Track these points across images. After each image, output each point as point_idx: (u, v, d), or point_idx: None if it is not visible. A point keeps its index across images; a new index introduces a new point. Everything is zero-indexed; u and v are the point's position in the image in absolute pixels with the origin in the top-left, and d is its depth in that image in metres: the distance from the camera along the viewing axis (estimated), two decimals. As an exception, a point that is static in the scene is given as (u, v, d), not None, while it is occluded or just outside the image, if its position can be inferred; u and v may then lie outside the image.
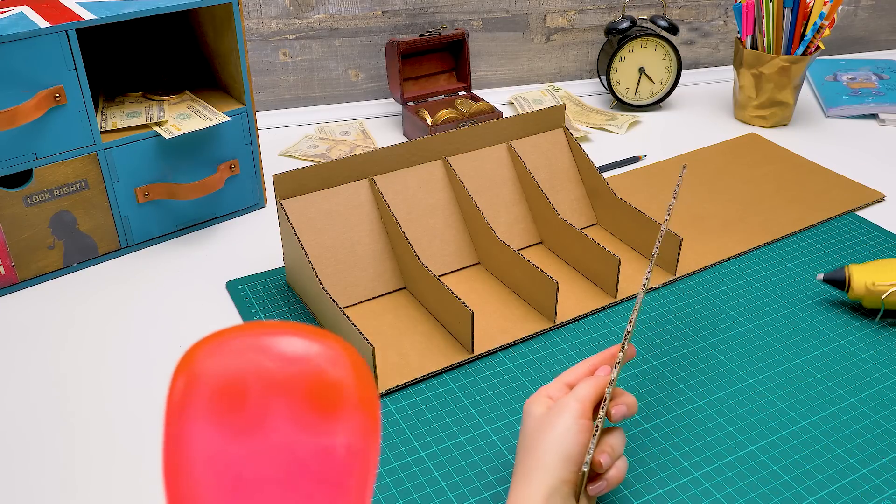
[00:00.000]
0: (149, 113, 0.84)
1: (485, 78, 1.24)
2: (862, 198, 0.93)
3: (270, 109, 1.16)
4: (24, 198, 0.76)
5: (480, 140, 0.82)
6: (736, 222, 0.89)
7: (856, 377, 0.67)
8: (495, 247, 0.77)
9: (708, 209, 0.91)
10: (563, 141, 0.87)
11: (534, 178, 0.82)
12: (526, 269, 0.74)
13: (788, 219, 0.89)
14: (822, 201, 0.93)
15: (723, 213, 0.90)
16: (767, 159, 1.03)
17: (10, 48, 0.70)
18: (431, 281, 0.72)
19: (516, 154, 0.83)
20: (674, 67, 1.15)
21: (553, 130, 0.87)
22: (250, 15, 1.09)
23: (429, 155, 0.79)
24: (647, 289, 0.76)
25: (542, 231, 0.84)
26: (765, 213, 0.90)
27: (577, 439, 0.50)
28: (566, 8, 1.22)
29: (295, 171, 0.72)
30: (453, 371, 0.68)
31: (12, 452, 0.60)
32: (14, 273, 0.78)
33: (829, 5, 1.03)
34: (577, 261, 0.80)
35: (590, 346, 0.71)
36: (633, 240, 0.83)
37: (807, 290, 0.78)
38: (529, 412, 0.54)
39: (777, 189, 0.95)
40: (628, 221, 0.83)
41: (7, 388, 0.66)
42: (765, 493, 0.57)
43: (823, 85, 1.23)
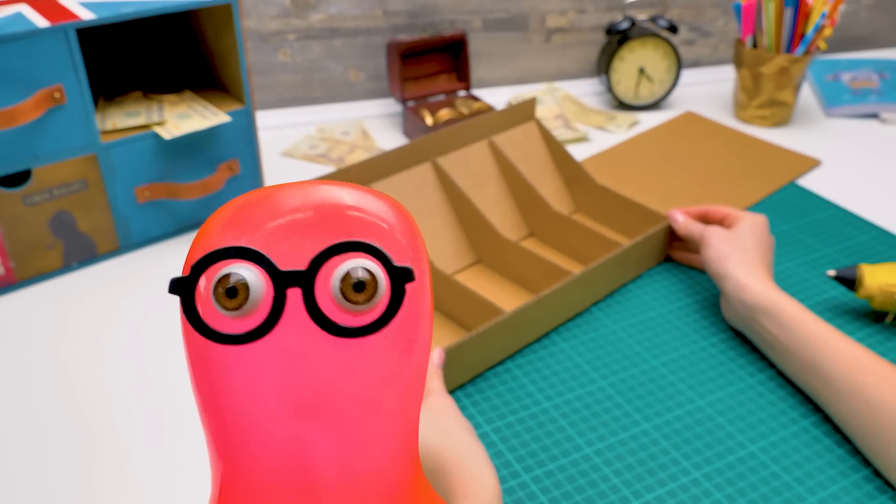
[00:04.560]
0: (149, 113, 0.84)
1: (485, 78, 1.24)
2: (801, 166, 1.00)
3: (270, 109, 1.16)
4: (24, 198, 0.75)
5: (464, 138, 0.83)
6: (680, 197, 0.93)
7: (856, 377, 0.67)
8: (496, 243, 0.78)
9: (653, 187, 0.96)
10: (535, 133, 0.89)
11: (519, 172, 0.83)
12: (533, 262, 0.74)
13: (738, 193, 0.94)
14: (767, 172, 0.98)
15: (683, 188, 0.95)
16: (709, 136, 1.08)
17: (10, 47, 0.70)
18: (444, 279, 0.72)
19: (498, 149, 0.84)
20: (674, 67, 1.15)
21: (526, 123, 0.89)
22: (250, 15, 1.09)
23: (418, 158, 0.80)
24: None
25: (531, 223, 0.85)
26: (714, 190, 0.95)
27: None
28: (566, 8, 1.22)
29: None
30: (504, 360, 0.68)
31: (12, 452, 0.60)
32: (13, 273, 0.78)
33: (831, 5, 1.03)
34: (571, 249, 0.81)
35: (590, 346, 0.71)
36: (615, 223, 0.85)
37: (810, 288, 0.78)
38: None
39: (726, 163, 1.01)
40: (610, 205, 0.85)
41: (7, 388, 0.66)
42: (765, 494, 0.57)
43: (824, 84, 1.23)
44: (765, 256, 0.72)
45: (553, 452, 0.60)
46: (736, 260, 0.70)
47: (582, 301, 0.74)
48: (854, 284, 0.72)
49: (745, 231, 0.73)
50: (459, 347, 0.63)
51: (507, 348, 0.69)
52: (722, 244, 0.72)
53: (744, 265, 0.69)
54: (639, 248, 0.77)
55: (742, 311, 0.68)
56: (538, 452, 0.60)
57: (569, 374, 0.68)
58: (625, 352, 0.70)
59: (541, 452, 0.60)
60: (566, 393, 0.66)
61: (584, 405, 0.65)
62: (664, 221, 0.80)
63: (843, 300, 0.76)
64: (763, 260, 0.71)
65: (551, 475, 0.58)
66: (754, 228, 0.73)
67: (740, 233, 0.73)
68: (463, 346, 0.64)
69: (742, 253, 0.70)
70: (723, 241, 0.72)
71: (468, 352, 0.65)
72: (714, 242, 0.72)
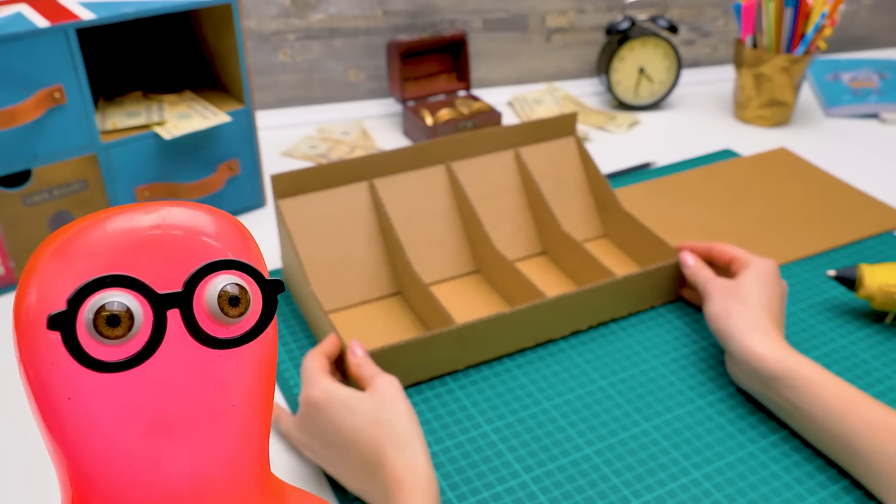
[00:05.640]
0: (149, 113, 0.84)
1: (485, 78, 1.24)
2: (889, 220, 0.88)
3: (270, 109, 1.16)
4: (24, 198, 0.75)
5: (486, 146, 0.80)
6: (751, 240, 0.85)
7: (858, 377, 0.67)
8: (493, 256, 0.76)
9: (724, 225, 0.88)
10: (573, 150, 0.85)
11: (539, 188, 0.80)
12: (520, 282, 0.72)
13: (809, 238, 0.85)
14: (850, 221, 0.88)
15: (739, 231, 0.87)
16: (794, 175, 0.98)
17: (9, 47, 0.69)
18: (422, 289, 0.71)
19: (523, 162, 0.81)
20: (674, 67, 1.15)
21: (563, 138, 0.84)
22: (250, 15, 1.09)
23: (432, 159, 0.78)
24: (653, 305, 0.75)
25: (545, 242, 0.82)
26: (786, 233, 0.86)
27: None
28: (566, 8, 1.22)
29: (294, 171, 0.72)
30: (454, 371, 0.68)
31: (13, 452, 0.60)
32: (13, 273, 0.78)
33: (831, 5, 1.03)
34: (577, 274, 0.77)
35: (590, 346, 0.71)
36: (637, 255, 0.80)
37: (810, 288, 0.78)
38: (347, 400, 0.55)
39: (801, 207, 0.91)
40: (634, 235, 0.80)
41: (7, 388, 0.66)
42: (765, 494, 0.57)
43: (824, 84, 1.23)
44: (773, 308, 0.64)
45: (553, 452, 0.60)
46: (739, 317, 0.63)
47: (558, 327, 0.71)
48: (854, 284, 0.72)
49: (751, 280, 0.65)
50: (397, 349, 0.63)
51: (458, 361, 0.67)
52: (724, 299, 0.65)
53: (748, 322, 0.62)
54: (633, 281, 0.72)
55: (751, 381, 0.62)
56: (538, 452, 0.60)
57: (569, 374, 0.68)
58: (625, 352, 0.70)
59: (541, 452, 0.60)
60: (566, 393, 0.66)
61: (584, 405, 0.65)
62: (673, 257, 0.74)
63: (843, 300, 0.76)
64: (770, 313, 0.63)
65: (551, 475, 0.58)
66: (760, 276, 0.66)
67: (745, 283, 0.65)
68: (400, 349, 0.63)
69: (744, 307, 0.63)
70: (725, 294, 0.65)
71: (408, 356, 0.64)
72: (716, 297, 0.66)
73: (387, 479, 0.51)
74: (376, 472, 0.52)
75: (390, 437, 0.52)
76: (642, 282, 0.73)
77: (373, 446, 0.52)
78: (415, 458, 0.51)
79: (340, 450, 0.54)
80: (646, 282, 0.73)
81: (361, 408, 0.54)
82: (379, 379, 0.57)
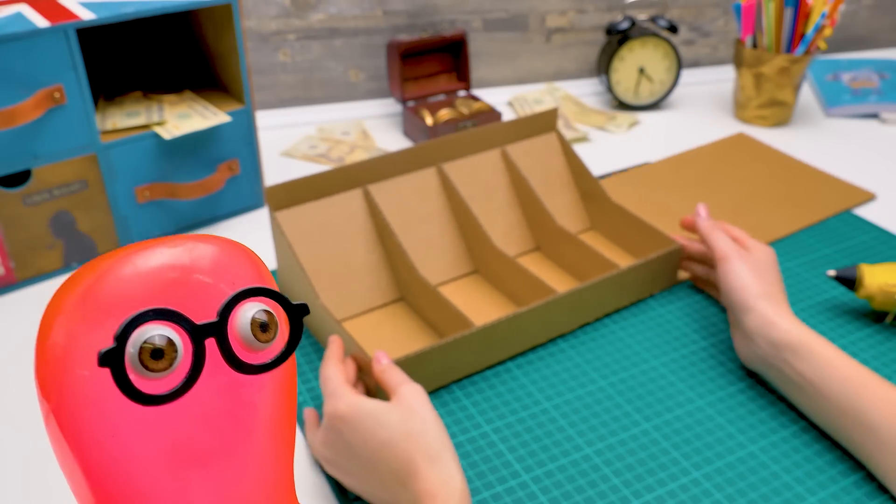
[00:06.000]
0: (149, 113, 0.84)
1: (485, 78, 1.24)
2: (854, 197, 0.93)
3: (270, 109, 1.16)
4: (24, 198, 0.75)
5: (474, 146, 0.81)
6: (730, 222, 0.88)
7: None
8: (492, 255, 0.76)
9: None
10: (556, 145, 0.86)
11: (529, 184, 0.81)
12: (526, 280, 0.72)
13: (782, 219, 0.89)
14: (814, 201, 0.92)
15: (714, 216, 0.90)
16: (756, 159, 1.02)
17: (10, 47, 0.70)
18: (430, 292, 0.71)
19: (510, 160, 0.82)
20: (674, 67, 1.15)
21: (546, 134, 0.86)
22: (250, 15, 1.09)
23: (423, 162, 0.78)
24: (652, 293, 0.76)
25: (538, 237, 0.82)
26: (757, 214, 0.90)
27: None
28: (566, 8, 1.22)
29: (287, 182, 0.71)
30: (472, 374, 0.68)
31: (13, 452, 0.60)
32: (13, 273, 0.78)
33: (831, 5, 1.03)
34: (573, 267, 0.78)
35: (590, 346, 0.71)
36: (628, 244, 0.82)
37: (810, 288, 0.78)
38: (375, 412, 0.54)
39: (768, 189, 0.95)
40: (623, 225, 0.81)
41: (7, 388, 0.66)
42: (765, 494, 0.57)
43: (824, 84, 1.23)
44: (783, 289, 0.66)
45: (553, 452, 0.60)
46: (763, 293, 0.64)
47: (567, 322, 0.71)
48: (854, 284, 0.72)
49: (767, 262, 0.67)
50: (421, 356, 0.63)
51: (478, 363, 0.67)
52: (748, 273, 0.65)
53: (770, 299, 0.63)
54: (636, 272, 0.73)
55: (767, 350, 0.62)
56: (538, 452, 0.60)
57: (569, 374, 0.68)
58: (625, 352, 0.70)
59: (541, 452, 0.60)
60: (566, 393, 0.66)
61: (584, 405, 0.65)
62: (671, 245, 0.76)
63: (843, 300, 0.76)
64: (782, 292, 0.66)
65: (551, 475, 0.58)
66: (772, 261, 0.68)
67: (763, 264, 0.67)
68: (424, 356, 0.63)
69: (768, 286, 0.64)
70: (749, 269, 0.65)
71: (431, 362, 0.64)
72: (737, 269, 0.66)
73: (419, 491, 0.50)
74: (407, 486, 0.51)
75: (422, 449, 0.51)
76: (645, 271, 0.74)
77: (403, 459, 0.51)
78: (447, 471, 0.50)
79: (368, 463, 0.53)
80: (648, 271, 0.75)
81: (389, 419, 0.53)
82: (404, 388, 0.56)
